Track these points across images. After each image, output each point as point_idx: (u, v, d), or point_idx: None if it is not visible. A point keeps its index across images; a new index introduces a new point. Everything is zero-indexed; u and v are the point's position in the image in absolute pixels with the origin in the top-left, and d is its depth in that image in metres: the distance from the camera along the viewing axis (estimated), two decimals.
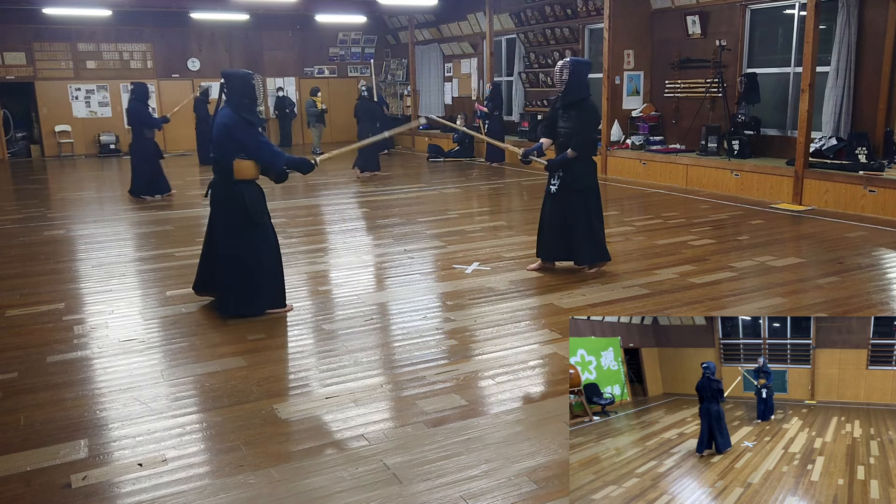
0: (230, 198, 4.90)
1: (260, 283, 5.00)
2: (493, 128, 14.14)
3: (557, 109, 5.82)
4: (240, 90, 4.85)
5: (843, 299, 5.24)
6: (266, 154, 4.86)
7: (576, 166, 5.75)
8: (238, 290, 4.98)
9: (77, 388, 3.92)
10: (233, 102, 4.85)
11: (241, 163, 4.84)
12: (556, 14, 13.88)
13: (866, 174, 8.41)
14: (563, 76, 5.61)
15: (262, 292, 5.03)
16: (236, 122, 4.81)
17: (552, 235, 5.95)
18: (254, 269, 4.97)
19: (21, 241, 7.94)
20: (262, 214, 4.96)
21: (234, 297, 5.00)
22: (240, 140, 4.80)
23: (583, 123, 5.67)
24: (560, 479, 2.90)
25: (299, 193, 11.12)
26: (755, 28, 10.72)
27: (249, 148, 4.82)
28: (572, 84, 5.60)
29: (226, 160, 4.83)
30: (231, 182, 4.87)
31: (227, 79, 4.90)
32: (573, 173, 5.77)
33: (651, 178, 11.33)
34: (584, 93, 5.70)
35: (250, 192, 4.90)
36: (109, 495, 2.89)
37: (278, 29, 19.15)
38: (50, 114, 17.45)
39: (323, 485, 2.92)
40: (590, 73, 5.98)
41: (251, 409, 3.62)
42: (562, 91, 5.68)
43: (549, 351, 4.34)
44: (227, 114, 4.84)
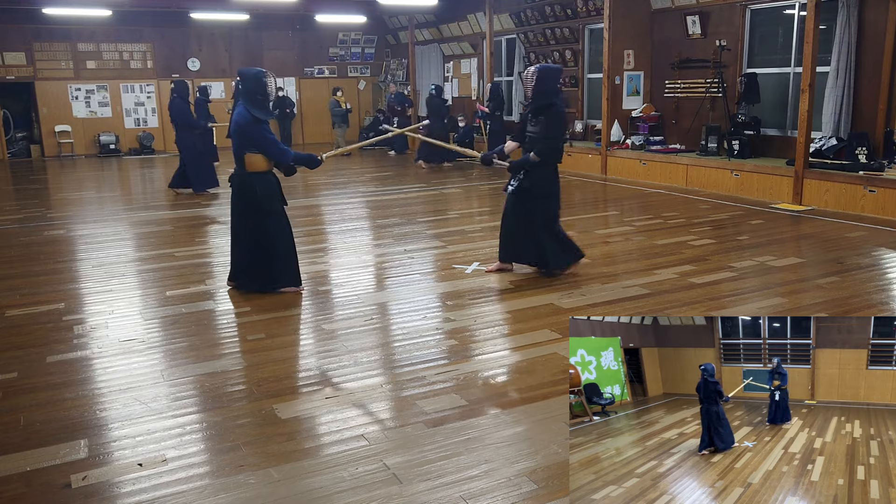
0: (244, 187, 5.38)
1: (274, 264, 5.48)
2: (495, 128, 14.12)
3: (527, 114, 5.88)
4: (253, 87, 5.25)
5: (843, 299, 5.24)
6: (273, 150, 5.32)
7: (536, 172, 5.74)
8: (254, 269, 5.51)
9: (77, 388, 3.92)
10: (247, 99, 5.26)
11: (251, 156, 5.29)
12: (556, 14, 13.88)
13: (866, 174, 8.41)
14: (531, 82, 5.69)
15: (277, 271, 5.52)
16: (247, 120, 5.23)
17: (506, 236, 6.00)
18: (268, 251, 5.44)
19: (21, 241, 7.94)
20: (271, 202, 5.39)
21: (251, 275, 5.54)
22: (250, 136, 5.25)
23: (548, 129, 5.68)
24: (560, 479, 2.90)
25: (299, 193, 11.12)
26: (755, 28, 10.72)
27: (258, 144, 5.26)
28: (539, 90, 5.65)
29: (239, 154, 5.30)
30: (245, 174, 5.34)
31: (242, 77, 5.33)
32: (532, 178, 5.76)
33: (651, 178, 11.34)
34: (551, 98, 5.68)
35: (262, 182, 5.34)
36: (109, 495, 2.89)
37: (278, 29, 19.15)
38: (50, 114, 17.44)
39: (323, 485, 2.92)
40: (559, 78, 6.01)
41: (251, 409, 3.62)
42: (531, 97, 5.74)
43: (549, 351, 4.34)
44: (240, 111, 5.28)
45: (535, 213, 5.81)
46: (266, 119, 5.29)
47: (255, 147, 5.25)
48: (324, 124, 20.08)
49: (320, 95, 19.92)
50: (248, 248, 5.47)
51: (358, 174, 13.53)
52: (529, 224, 5.83)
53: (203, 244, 7.72)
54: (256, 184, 5.31)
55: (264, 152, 5.27)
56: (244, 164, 5.30)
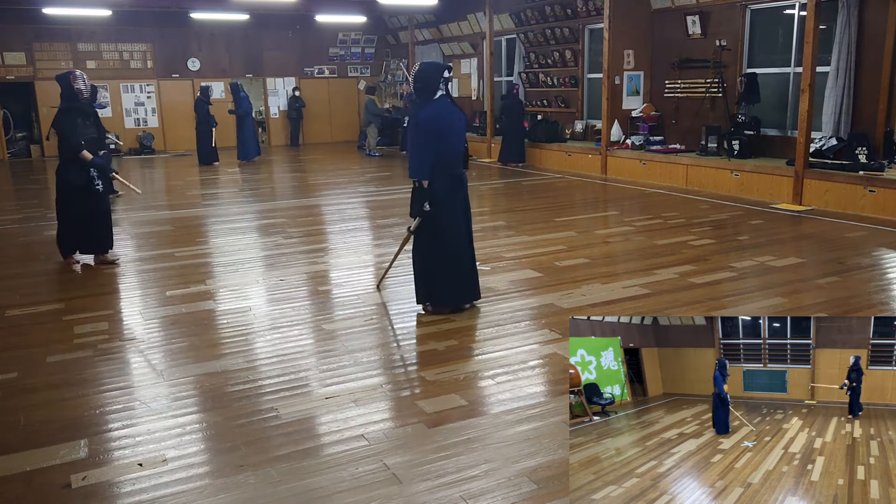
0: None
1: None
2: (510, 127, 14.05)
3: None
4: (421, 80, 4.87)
5: (843, 299, 5.24)
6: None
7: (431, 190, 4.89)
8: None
9: (77, 388, 3.92)
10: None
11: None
12: (556, 14, 13.88)
13: (866, 174, 8.40)
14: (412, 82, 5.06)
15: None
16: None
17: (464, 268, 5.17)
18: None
19: (21, 241, 7.94)
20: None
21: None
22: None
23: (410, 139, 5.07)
24: (560, 479, 2.90)
25: (299, 193, 11.12)
26: (755, 28, 10.72)
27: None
28: (416, 90, 4.98)
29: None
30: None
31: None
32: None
33: (651, 178, 11.33)
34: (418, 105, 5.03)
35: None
36: (109, 495, 2.89)
37: (278, 29, 19.15)
38: (50, 114, 17.38)
39: (323, 485, 2.92)
40: (436, 78, 4.90)
41: (251, 409, 3.62)
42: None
43: (549, 351, 4.34)
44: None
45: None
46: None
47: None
48: (323, 124, 20.11)
49: (320, 95, 19.93)
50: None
51: (358, 174, 13.52)
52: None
53: (203, 244, 7.72)
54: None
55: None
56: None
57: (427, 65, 4.97)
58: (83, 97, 6.44)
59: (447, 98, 4.94)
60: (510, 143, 14.00)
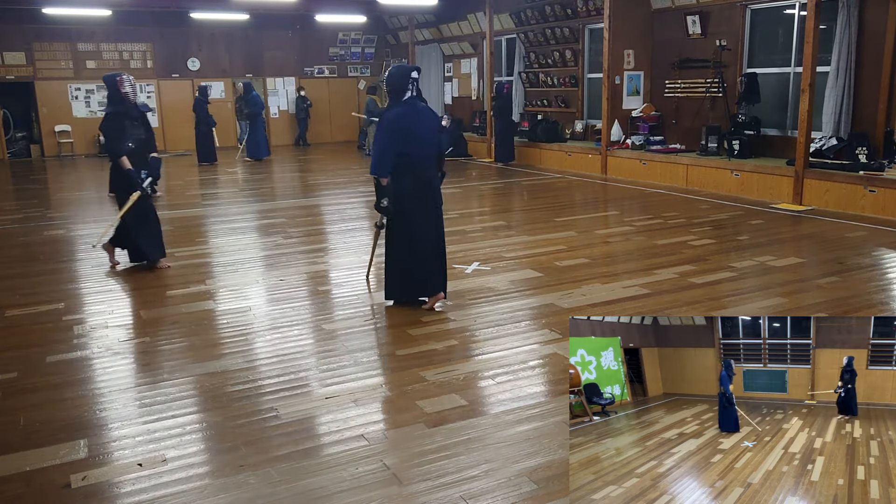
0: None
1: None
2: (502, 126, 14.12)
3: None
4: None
5: (843, 299, 5.24)
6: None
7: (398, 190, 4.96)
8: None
9: (77, 388, 3.92)
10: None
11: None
12: (556, 14, 13.88)
13: (866, 174, 8.40)
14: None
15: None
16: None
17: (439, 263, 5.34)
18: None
19: (21, 241, 7.94)
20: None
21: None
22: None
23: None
24: (560, 479, 2.90)
25: (299, 193, 11.12)
26: (755, 28, 10.72)
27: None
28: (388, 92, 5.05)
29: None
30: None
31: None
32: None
33: (651, 178, 11.33)
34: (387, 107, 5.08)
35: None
36: (109, 495, 2.89)
37: (278, 29, 19.15)
38: (50, 114, 17.44)
39: (323, 485, 2.92)
40: (404, 80, 4.95)
41: (251, 409, 3.62)
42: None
43: (549, 351, 4.34)
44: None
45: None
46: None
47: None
48: (324, 124, 20.10)
49: (320, 95, 19.93)
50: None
51: (358, 174, 13.52)
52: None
53: (203, 244, 7.72)
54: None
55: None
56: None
57: (396, 68, 5.03)
58: (130, 101, 6.22)
59: (416, 100, 4.98)
60: (502, 142, 14.24)
